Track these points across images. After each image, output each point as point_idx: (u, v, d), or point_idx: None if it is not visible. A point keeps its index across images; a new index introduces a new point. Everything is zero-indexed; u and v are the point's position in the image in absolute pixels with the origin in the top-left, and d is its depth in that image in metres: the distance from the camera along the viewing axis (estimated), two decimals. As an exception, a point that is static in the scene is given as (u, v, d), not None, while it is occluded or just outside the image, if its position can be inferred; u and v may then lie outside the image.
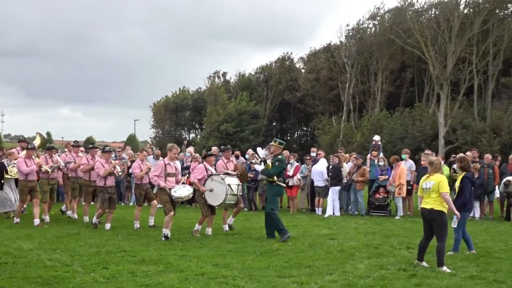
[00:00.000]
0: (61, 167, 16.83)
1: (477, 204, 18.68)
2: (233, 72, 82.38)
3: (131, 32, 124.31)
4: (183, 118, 71.01)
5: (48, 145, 17.35)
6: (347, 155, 22.26)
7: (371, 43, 52.94)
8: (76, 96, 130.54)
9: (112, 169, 14.93)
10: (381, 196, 19.38)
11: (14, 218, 15.94)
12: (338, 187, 19.27)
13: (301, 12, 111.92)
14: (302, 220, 17.82)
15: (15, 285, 8.39)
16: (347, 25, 61.36)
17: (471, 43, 44.87)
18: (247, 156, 21.87)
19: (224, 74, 69.88)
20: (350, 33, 55.29)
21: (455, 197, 11.79)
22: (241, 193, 14.67)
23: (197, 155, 21.41)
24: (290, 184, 19.88)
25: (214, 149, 22.44)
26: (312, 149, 22.82)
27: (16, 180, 16.73)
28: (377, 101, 52.69)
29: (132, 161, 19.56)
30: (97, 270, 9.50)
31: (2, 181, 16.84)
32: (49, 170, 16.18)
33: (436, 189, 9.97)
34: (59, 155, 17.92)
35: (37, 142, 18.12)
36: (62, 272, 9.27)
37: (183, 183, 14.46)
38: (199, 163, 18.85)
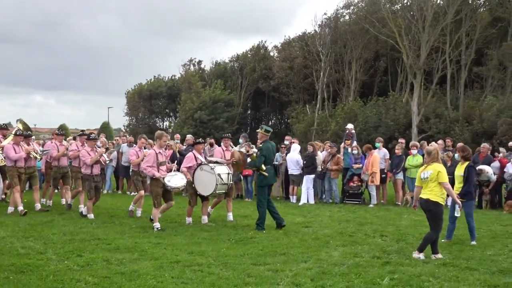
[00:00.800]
0: (48, 155, 16.84)
1: (448, 193, 18.79)
2: (208, 61, 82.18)
3: (105, 20, 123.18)
4: (157, 106, 70.63)
5: (24, 132, 16.92)
6: (321, 143, 22.27)
7: (346, 32, 53.02)
8: (49, 84, 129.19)
9: (99, 157, 14.72)
10: (355, 185, 19.48)
11: (17, 207, 15.22)
12: (313, 175, 19.32)
13: (277, 0, 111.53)
14: (276, 208, 17.82)
15: (-12, 274, 8.31)
16: (325, 13, 61.28)
17: (444, 33, 45.17)
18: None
19: (200, 62, 69.59)
20: (325, 22, 55.37)
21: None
22: (231, 182, 14.42)
23: (171, 142, 21.26)
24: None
25: (189, 137, 22.37)
26: (286, 137, 22.85)
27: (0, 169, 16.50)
28: (351, 90, 52.88)
29: (106, 149, 19.47)
30: (71, 258, 9.45)
31: None
32: (38, 157, 16.13)
33: (434, 179, 10.00)
34: (44, 143, 17.86)
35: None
36: (35, 260, 9.20)
37: (174, 170, 13.98)
38: (173, 151, 18.81)
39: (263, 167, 13.22)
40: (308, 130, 50.60)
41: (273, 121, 70.78)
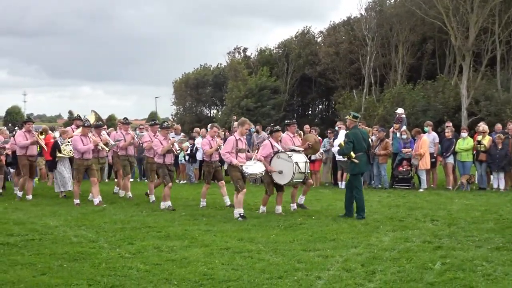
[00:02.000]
0: (110, 146, 16.53)
1: (502, 176, 18.53)
2: (253, 48, 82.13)
3: (151, 9, 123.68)
4: (203, 95, 71.05)
5: (96, 123, 16.86)
6: (369, 128, 22.08)
7: (391, 15, 52.39)
8: (97, 75, 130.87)
9: (171, 146, 14.62)
10: (404, 169, 19.29)
11: (74, 200, 15.18)
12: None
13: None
14: (325, 194, 17.83)
15: (42, 261, 8.48)
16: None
17: (493, 13, 44.25)
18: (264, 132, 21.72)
19: (245, 49, 69.56)
20: (370, 6, 54.82)
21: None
22: (309, 171, 14.08)
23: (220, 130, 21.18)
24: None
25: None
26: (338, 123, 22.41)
27: (71, 159, 16.57)
28: (398, 74, 52.28)
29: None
30: (122, 246, 9.59)
31: (56, 160, 16.80)
32: (106, 149, 16.14)
33: None
34: (109, 134, 17.85)
35: (92, 119, 17.39)
36: (88, 248, 9.37)
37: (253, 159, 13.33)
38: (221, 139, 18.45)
39: (353, 154, 12.79)
40: (356, 115, 50.24)
41: (320, 107, 70.62)
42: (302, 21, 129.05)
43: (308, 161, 13.87)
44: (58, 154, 16.72)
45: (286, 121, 15.12)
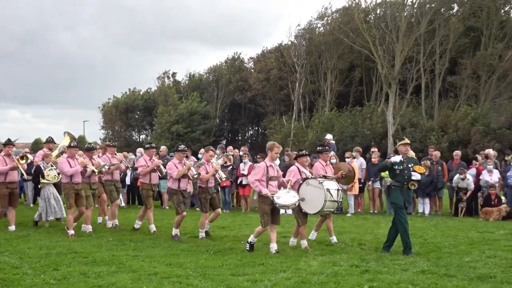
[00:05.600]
0: (106, 169, 15.01)
1: (427, 201, 19.00)
2: (184, 73, 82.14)
3: (87, 32, 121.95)
4: (133, 119, 70.45)
5: (87, 145, 15.71)
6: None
7: (320, 43, 53.32)
8: (26, 98, 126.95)
9: (187, 170, 13.46)
10: (332, 194, 19.45)
11: (68, 230, 13.73)
12: (290, 186, 19.27)
13: (257, 12, 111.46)
14: (255, 219, 17.77)
15: (-38, 290, 8.19)
16: (298, 25, 61.71)
17: (418, 43, 45.71)
18: (199, 155, 21.62)
19: (174, 74, 69.51)
20: (300, 33, 55.65)
21: None
22: (341, 199, 12.86)
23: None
24: (244, 183, 19.89)
25: (163, 148, 22.23)
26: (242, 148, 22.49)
27: (55, 185, 15.52)
28: (327, 100, 53.13)
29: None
30: (47, 272, 9.32)
31: (39, 186, 15.48)
32: (96, 171, 14.46)
33: None
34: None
35: (66, 142, 16.19)
36: (11, 275, 9.06)
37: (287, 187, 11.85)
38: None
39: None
40: (285, 141, 50.70)
41: (250, 132, 70.93)
42: (236, 46, 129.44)
43: (341, 188, 12.65)
44: (42, 180, 15.32)
45: (318, 148, 13.56)
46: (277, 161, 12.98)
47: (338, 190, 12.17)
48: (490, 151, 20.79)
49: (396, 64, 45.54)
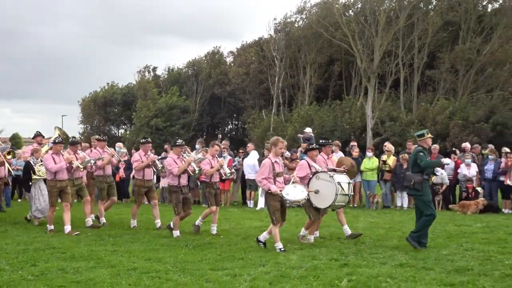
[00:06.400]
0: (91, 163, 14.76)
1: (405, 194, 19.10)
2: (163, 67, 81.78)
3: (66, 27, 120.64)
4: (112, 114, 70.02)
5: (71, 139, 15.23)
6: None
7: (299, 37, 53.30)
8: (6, 93, 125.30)
9: (187, 166, 13.15)
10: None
11: (47, 225, 13.65)
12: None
13: (237, 5, 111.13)
14: (234, 213, 17.86)
15: None
16: (274, 19, 61.68)
17: (397, 37, 45.87)
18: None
19: (155, 68, 69.17)
20: (279, 27, 55.61)
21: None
22: (352, 193, 12.81)
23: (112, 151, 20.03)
24: (223, 177, 19.86)
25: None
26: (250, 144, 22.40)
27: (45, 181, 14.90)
28: (306, 94, 53.17)
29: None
30: (25, 268, 9.26)
31: (30, 183, 15.08)
32: (81, 167, 14.13)
33: None
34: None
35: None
36: (-12, 272, 9.01)
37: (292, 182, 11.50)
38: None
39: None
40: (265, 135, 50.69)
41: (229, 126, 70.83)
42: (216, 40, 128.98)
43: (352, 182, 12.53)
44: (34, 176, 14.96)
45: (320, 141, 13.38)
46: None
47: (349, 183, 11.99)
48: (467, 145, 20.96)
49: (375, 58, 45.71)
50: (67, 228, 13.34)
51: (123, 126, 73.66)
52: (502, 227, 14.15)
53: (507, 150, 18.85)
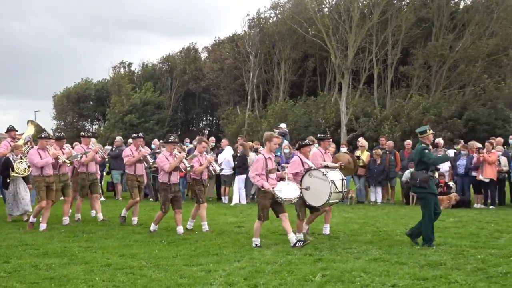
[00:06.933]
0: (78, 159, 14.34)
1: (379, 190, 19.23)
2: (138, 62, 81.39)
3: (40, 22, 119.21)
4: (85, 109, 69.60)
5: (57, 135, 14.91)
6: (251, 143, 22.25)
7: (273, 33, 53.38)
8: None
9: (178, 163, 12.78)
10: (286, 183, 19.51)
11: (40, 223, 13.22)
12: (244, 176, 19.29)
13: (212, 1, 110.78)
14: (209, 209, 17.60)
15: None
16: (248, 14, 61.65)
17: (371, 33, 46.18)
18: (153, 146, 21.48)
19: (130, 64, 68.91)
20: (253, 23, 55.61)
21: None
22: (346, 190, 12.51)
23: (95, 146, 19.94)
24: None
25: (118, 139, 22.06)
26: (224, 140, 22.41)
27: (25, 178, 14.83)
28: (281, 90, 53.27)
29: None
30: (-3, 265, 9.19)
31: (8, 180, 14.57)
32: (67, 162, 13.65)
33: None
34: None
35: (30, 131, 15.74)
36: (-40, 269, 8.90)
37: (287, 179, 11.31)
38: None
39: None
40: (239, 131, 50.74)
41: (204, 122, 70.78)
42: (191, 36, 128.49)
43: (345, 178, 12.21)
44: (12, 173, 14.54)
45: (318, 135, 13.30)
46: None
47: (342, 180, 11.77)
48: (440, 140, 21.11)
49: (349, 54, 45.95)
50: (43, 226, 13.10)
51: (97, 122, 73.33)
52: (474, 222, 14.29)
53: (479, 145, 19.01)
